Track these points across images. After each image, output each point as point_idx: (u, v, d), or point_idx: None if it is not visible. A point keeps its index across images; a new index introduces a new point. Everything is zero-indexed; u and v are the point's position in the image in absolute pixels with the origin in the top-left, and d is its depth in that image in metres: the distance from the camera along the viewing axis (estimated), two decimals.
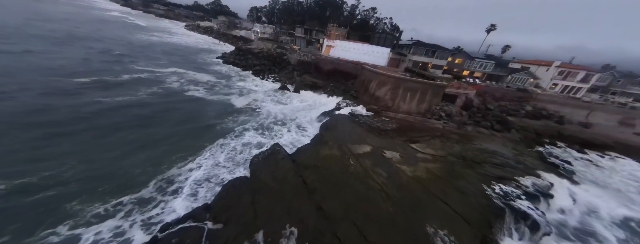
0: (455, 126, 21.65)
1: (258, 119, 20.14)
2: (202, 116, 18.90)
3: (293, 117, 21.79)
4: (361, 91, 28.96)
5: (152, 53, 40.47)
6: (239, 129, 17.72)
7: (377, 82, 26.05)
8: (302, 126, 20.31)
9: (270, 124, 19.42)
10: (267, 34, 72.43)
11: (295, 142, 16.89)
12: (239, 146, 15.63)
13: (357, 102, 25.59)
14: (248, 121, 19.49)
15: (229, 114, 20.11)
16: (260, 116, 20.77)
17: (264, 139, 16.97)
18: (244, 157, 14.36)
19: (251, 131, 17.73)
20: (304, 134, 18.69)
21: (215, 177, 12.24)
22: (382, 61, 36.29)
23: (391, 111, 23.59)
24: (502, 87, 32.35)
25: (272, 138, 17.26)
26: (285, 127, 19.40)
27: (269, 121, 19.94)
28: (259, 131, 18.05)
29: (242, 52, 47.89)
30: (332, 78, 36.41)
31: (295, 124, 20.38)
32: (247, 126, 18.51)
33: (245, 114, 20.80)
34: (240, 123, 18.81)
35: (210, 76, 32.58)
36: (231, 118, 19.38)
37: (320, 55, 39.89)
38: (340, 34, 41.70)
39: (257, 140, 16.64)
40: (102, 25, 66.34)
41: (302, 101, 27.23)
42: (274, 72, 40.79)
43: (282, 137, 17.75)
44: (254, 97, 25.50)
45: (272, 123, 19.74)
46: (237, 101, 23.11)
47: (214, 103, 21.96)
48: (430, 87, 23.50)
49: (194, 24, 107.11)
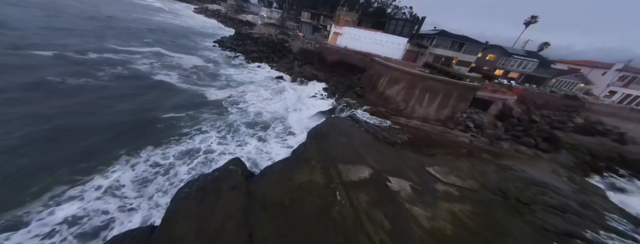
0: (487, 141, 16.54)
1: (230, 117, 15.95)
2: (155, 108, 14.93)
3: (280, 116, 17.46)
4: (368, 88, 23.95)
5: (144, 32, 37.00)
6: (194, 129, 13.58)
7: (389, 79, 20.95)
8: (288, 129, 15.99)
9: (244, 125, 15.18)
10: (273, 19, 67.08)
11: (265, 156, 12.61)
12: (174, 158, 11.10)
13: (362, 102, 20.75)
14: (214, 119, 15.30)
15: (193, 108, 16.01)
16: (236, 114, 16.58)
17: (222, 148, 12.65)
18: (170, 182, 9.86)
19: (210, 134, 13.50)
20: (284, 142, 14.33)
21: (91, 222, 7.50)
22: (397, 53, 30.66)
23: (403, 116, 18.67)
24: (544, 92, 26.17)
25: (236, 147, 12.95)
26: (262, 131, 15.08)
27: (244, 121, 15.71)
28: (222, 133, 13.82)
29: (241, 37, 43.41)
30: (337, 71, 31.39)
31: (280, 126, 16.06)
32: (208, 126, 14.30)
33: (216, 109, 16.65)
34: (200, 121, 14.63)
35: (197, 60, 28.56)
36: (192, 114, 15.28)
37: (325, 44, 34.66)
38: (351, 19, 36.00)
39: (209, 149, 12.20)
40: (111, 2, 64.12)
41: (296, 96, 22.73)
42: (273, 61, 36.25)
43: (250, 146, 13.38)
44: (238, 88, 21.27)
45: (248, 124, 15.49)
46: (213, 92, 18.98)
47: (181, 93, 17.94)
48: (456, 88, 18.22)
49: (203, 7, 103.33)
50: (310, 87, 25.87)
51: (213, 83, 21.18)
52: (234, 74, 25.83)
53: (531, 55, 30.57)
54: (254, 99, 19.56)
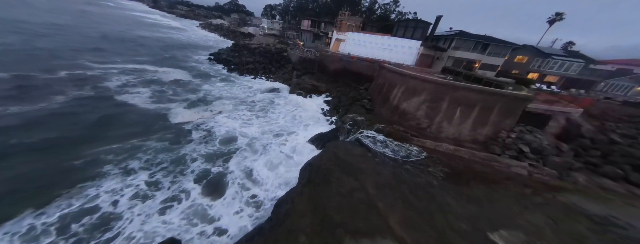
0: (555, 174, 11.70)
1: (185, 148, 11.94)
2: (90, 138, 11.21)
3: (261, 145, 13.38)
4: (378, 100, 19.79)
5: (137, 47, 35.13)
6: (118, 168, 9.62)
7: (404, 89, 16.76)
8: (268, 166, 11.68)
9: (200, 161, 11.01)
10: (274, 30, 65.70)
11: (210, 229, 8.18)
12: (40, 231, 6.97)
13: (372, 119, 16.51)
14: (161, 150, 11.31)
15: (142, 135, 12.23)
16: (196, 142, 12.59)
17: (140, 207, 8.20)
18: None
19: (135, 177, 9.26)
20: (254, 200, 9.76)
21: None
22: (409, 58, 26.67)
23: (428, 137, 14.20)
24: (598, 99, 21.06)
25: (163, 206, 8.38)
26: (224, 173, 10.68)
27: (203, 152, 11.60)
28: (156, 176, 9.59)
29: (238, 48, 41.02)
30: (340, 80, 27.62)
31: (257, 162, 11.75)
32: (143, 162, 10.21)
33: (173, 135, 12.77)
34: (136, 155, 10.60)
35: (183, 74, 25.56)
36: (136, 143, 11.43)
37: (326, 51, 31.28)
38: (354, 24, 32.76)
39: (110, 213, 7.79)
40: (116, 20, 65.36)
41: (291, 114, 18.80)
42: (270, 72, 33.07)
43: (188, 201, 8.76)
44: (217, 106, 17.60)
45: (208, 157, 11.28)
46: (181, 113, 15.25)
47: (140, 115, 14.29)
48: (498, 99, 13.73)
49: (207, 22, 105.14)
50: (308, 101, 22.01)
51: (187, 101, 17.64)
52: (220, 89, 22.40)
53: (573, 55, 25.75)
54: (231, 120, 15.60)
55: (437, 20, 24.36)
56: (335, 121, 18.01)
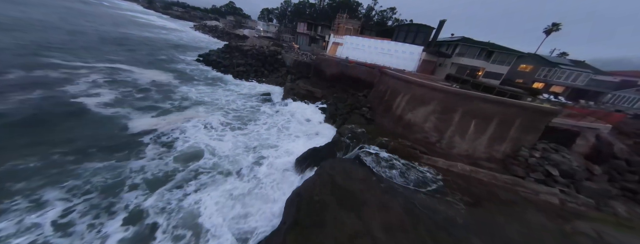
0: (593, 203, 9.82)
1: (130, 166, 9.34)
2: (11, 153, 8.53)
3: (234, 162, 10.96)
4: (379, 108, 17.86)
5: (120, 46, 32.52)
6: (28, 201, 6.99)
7: (410, 98, 14.89)
8: (231, 203, 8.85)
9: (148, 186, 8.47)
10: (270, 33, 64.08)
11: None
12: None
13: (374, 131, 14.45)
14: (101, 171, 8.65)
15: (83, 152, 9.55)
16: (148, 159, 9.98)
17: None
18: None
19: (50, 214, 6.67)
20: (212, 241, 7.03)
21: None
22: (410, 64, 25.11)
23: (438, 153, 12.22)
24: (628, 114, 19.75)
25: None
26: (164, 207, 7.79)
27: (151, 175, 8.97)
28: (87, 211, 6.99)
29: (229, 50, 38.86)
30: (337, 86, 25.72)
31: (219, 193, 9.05)
32: (70, 189, 7.61)
33: (125, 150, 10.15)
34: (67, 177, 8.03)
35: (162, 76, 23.08)
36: (72, 161, 8.81)
37: (322, 55, 29.53)
38: (352, 27, 31.29)
39: None
40: (103, 18, 62.50)
41: (280, 123, 16.56)
42: (262, 75, 30.94)
43: None
44: (190, 113, 15.15)
45: (159, 182, 8.70)
46: (143, 121, 12.61)
47: (92, 123, 11.60)
48: (519, 112, 11.96)
49: (201, 24, 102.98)
50: (302, 109, 19.87)
51: (157, 106, 15.13)
52: (201, 93, 19.98)
53: (579, 65, 24.78)
54: (201, 131, 12.92)
55: (440, 25, 23.00)
56: (331, 130, 15.85)
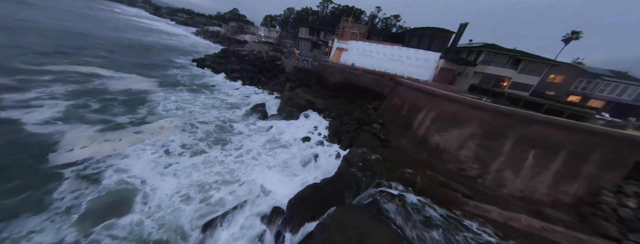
0: None
1: (28, 226, 6.00)
2: None
3: (177, 217, 7.48)
4: (395, 126, 14.61)
5: (107, 48, 30.19)
6: None
7: (436, 116, 11.66)
8: None
9: None
10: (271, 38, 62.22)
11: None
12: None
13: (392, 158, 11.14)
14: None
15: None
16: (59, 211, 6.49)
17: None
18: None
19: None
20: None
21: None
22: (425, 73, 22.08)
23: (480, 193, 8.80)
24: None
25: None
26: None
27: (47, 239, 5.67)
28: None
29: (226, 54, 36.38)
30: (341, 96, 22.70)
31: None
32: None
33: (31, 192, 6.73)
34: None
35: (143, 83, 20.20)
36: None
37: (325, 61, 26.72)
38: (358, 32, 28.66)
39: None
40: (100, 21, 61.48)
41: (266, 146, 13.23)
42: (258, 82, 28.08)
43: None
44: (150, 129, 11.95)
45: None
46: (79, 142, 9.19)
47: (10, 145, 8.39)
48: (599, 142, 8.64)
49: (203, 29, 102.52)
50: (299, 125, 16.66)
51: (111, 120, 11.92)
52: (178, 102, 16.86)
53: (621, 77, 21.55)
54: (148, 158, 9.48)
55: (461, 29, 20.12)
56: (335, 153, 12.53)
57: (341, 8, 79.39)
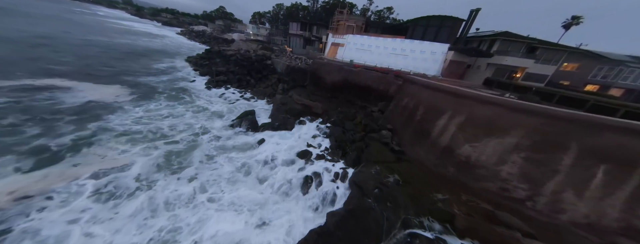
0: None
1: None
2: None
3: None
4: (407, 131, 12.38)
5: (76, 54, 26.81)
6: None
7: (464, 121, 9.44)
8: None
9: None
10: (260, 36, 58.95)
11: None
12: None
13: (410, 172, 8.94)
14: None
15: None
16: None
17: None
18: None
19: None
20: None
21: None
22: (432, 67, 19.89)
23: (530, 220, 6.70)
24: None
25: None
26: None
27: None
28: None
29: (210, 55, 33.36)
30: (340, 97, 20.36)
31: None
32: None
33: None
34: None
35: (115, 91, 17.42)
36: None
37: (320, 59, 24.24)
38: (355, 24, 26.17)
39: None
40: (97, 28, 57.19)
41: (252, 173, 10.77)
42: (247, 85, 25.41)
43: None
44: (90, 160, 9.28)
45: None
46: None
47: None
48: None
49: (188, 29, 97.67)
50: (294, 135, 14.24)
51: (46, 148, 9.26)
52: (149, 116, 14.16)
53: None
54: (75, 206, 6.70)
55: (471, 16, 17.87)
56: (343, 170, 10.23)
57: (332, 2, 76.49)
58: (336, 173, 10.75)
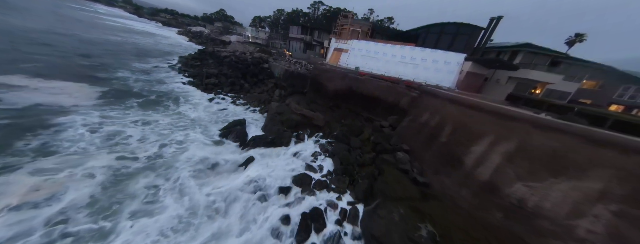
0: None
1: None
2: None
3: None
4: (428, 155, 10.06)
5: (63, 53, 24.00)
6: None
7: (513, 150, 7.19)
8: None
9: None
10: (260, 39, 57.16)
11: None
12: None
13: (443, 218, 6.56)
14: None
15: None
16: None
17: None
18: None
19: None
20: None
21: None
22: (446, 78, 17.97)
23: None
24: None
25: None
26: None
27: None
28: None
29: (202, 56, 30.97)
30: (343, 106, 18.15)
31: None
32: None
33: None
34: None
35: (84, 92, 14.65)
36: None
37: (322, 64, 22.17)
38: (360, 29, 24.40)
39: None
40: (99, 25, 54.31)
41: (235, 210, 8.22)
42: (240, 89, 23.01)
43: None
44: (20, 187, 6.67)
45: None
46: None
47: None
48: None
49: (186, 30, 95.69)
50: (290, 155, 11.72)
51: None
52: (113, 125, 11.53)
53: None
54: None
55: (492, 25, 16.16)
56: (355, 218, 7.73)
57: (333, 10, 76.37)
58: (343, 210, 8.27)
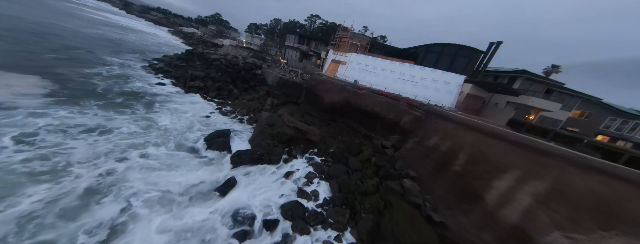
0: None
1: None
2: None
3: None
4: (438, 184, 8.84)
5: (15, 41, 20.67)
6: None
7: (547, 191, 6.13)
8: None
9: None
10: (254, 45, 55.98)
11: None
12: None
13: None
14: None
15: None
16: None
17: None
18: None
19: None
20: None
21: None
22: (445, 98, 17.57)
23: None
24: None
25: None
26: None
27: None
28: None
29: (189, 57, 28.85)
30: (339, 120, 16.93)
31: None
32: None
33: None
34: None
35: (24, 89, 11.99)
36: None
37: (319, 75, 21.16)
38: (359, 43, 24.08)
39: None
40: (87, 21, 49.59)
41: None
42: (228, 95, 21.08)
43: None
44: None
45: None
46: None
47: None
48: None
49: (177, 29, 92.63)
50: (279, 177, 10.01)
51: None
52: (58, 131, 9.23)
53: None
54: None
55: (492, 49, 16.26)
56: None
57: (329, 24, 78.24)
58: None
